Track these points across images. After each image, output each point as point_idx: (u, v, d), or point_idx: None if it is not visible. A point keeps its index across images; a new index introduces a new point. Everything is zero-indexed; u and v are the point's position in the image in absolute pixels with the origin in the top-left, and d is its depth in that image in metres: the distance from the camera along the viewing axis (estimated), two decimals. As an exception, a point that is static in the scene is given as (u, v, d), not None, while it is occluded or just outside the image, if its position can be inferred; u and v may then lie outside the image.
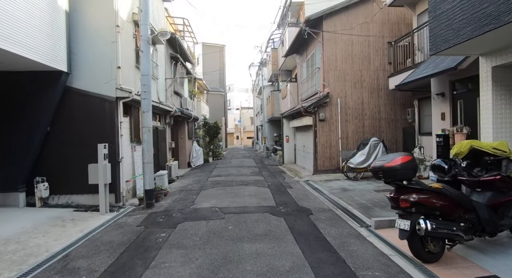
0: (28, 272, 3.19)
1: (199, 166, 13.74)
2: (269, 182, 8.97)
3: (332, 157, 10.13)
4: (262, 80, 21.40)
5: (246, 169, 12.67)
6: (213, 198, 6.87)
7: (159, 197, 6.80)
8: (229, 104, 49.11)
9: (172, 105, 11.09)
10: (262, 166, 14.00)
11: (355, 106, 10.31)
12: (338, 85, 10.23)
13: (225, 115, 34.04)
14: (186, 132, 13.52)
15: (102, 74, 6.31)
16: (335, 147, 10.15)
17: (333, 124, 10.17)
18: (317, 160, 10.07)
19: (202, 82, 21.23)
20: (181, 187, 8.56)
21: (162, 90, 10.42)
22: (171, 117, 11.05)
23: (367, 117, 10.36)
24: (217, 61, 32.80)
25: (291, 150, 14.56)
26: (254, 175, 10.59)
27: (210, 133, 17.25)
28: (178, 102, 12.81)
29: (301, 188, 7.97)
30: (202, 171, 12.33)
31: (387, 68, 10.40)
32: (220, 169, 12.67)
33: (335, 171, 10.09)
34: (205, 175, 10.91)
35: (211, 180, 9.63)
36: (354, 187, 7.83)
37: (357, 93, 10.32)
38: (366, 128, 10.34)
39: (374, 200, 6.28)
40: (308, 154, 11.21)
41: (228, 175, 10.69)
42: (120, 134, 6.46)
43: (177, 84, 12.45)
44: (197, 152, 13.66)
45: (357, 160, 8.49)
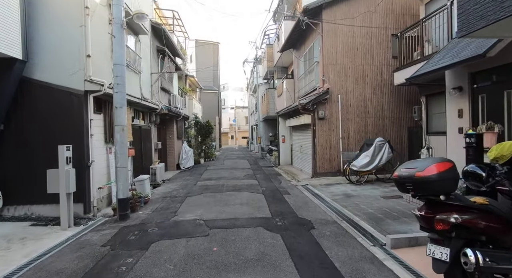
0: None
1: (189, 168, 12.83)
2: (264, 187, 8.12)
3: (332, 158, 9.34)
4: (257, 77, 20.55)
5: (239, 171, 11.80)
6: (199, 207, 6.00)
7: (137, 206, 5.90)
8: (224, 103, 48.17)
9: (159, 102, 10.17)
10: (256, 167, 13.15)
11: (357, 103, 9.53)
12: (339, 81, 9.43)
13: (219, 114, 33.11)
14: (175, 131, 12.60)
15: (68, 64, 5.39)
16: (336, 147, 9.35)
17: (333, 123, 9.37)
18: (316, 162, 9.26)
19: (194, 79, 20.30)
20: (165, 193, 7.66)
21: (146, 86, 9.50)
22: (157, 116, 10.13)
23: (369, 115, 9.59)
24: (211, 59, 31.87)
25: (288, 151, 13.75)
26: (248, 178, 9.73)
27: (202, 133, 16.34)
28: (166, 100, 11.89)
29: (299, 194, 7.14)
30: (192, 173, 11.43)
31: (391, 63, 9.64)
32: (211, 171, 11.79)
33: (335, 174, 9.29)
34: (194, 179, 10.01)
35: (200, 184, 8.74)
36: (358, 192, 7.03)
37: (359, 90, 9.54)
38: (369, 127, 9.57)
39: (383, 209, 5.48)
40: (306, 155, 10.41)
41: (219, 178, 9.82)
42: (90, 134, 5.54)
43: (165, 80, 11.52)
44: (186, 153, 12.75)
45: (361, 162, 7.70)
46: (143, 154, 9.14)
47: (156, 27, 10.28)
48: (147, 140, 9.59)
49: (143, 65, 9.07)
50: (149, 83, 9.93)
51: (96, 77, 5.59)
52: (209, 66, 27.86)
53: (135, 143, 8.40)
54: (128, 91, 7.47)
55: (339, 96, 9.37)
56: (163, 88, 11.33)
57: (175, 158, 12.43)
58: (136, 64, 8.36)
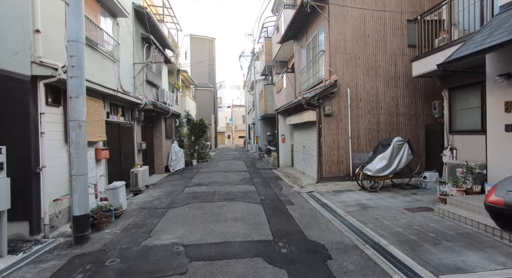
0: None
1: (179, 170, 11.60)
2: (263, 195, 6.93)
3: (341, 160, 8.18)
4: (254, 73, 19.34)
5: (234, 174, 10.61)
6: (182, 223, 4.80)
7: (103, 223, 4.68)
8: (220, 102, 46.90)
9: (143, 96, 8.94)
10: (254, 170, 11.96)
11: (368, 98, 8.38)
12: (348, 72, 8.27)
13: (215, 113, 31.87)
14: (163, 130, 11.37)
15: (8, 41, 4.16)
16: (344, 148, 8.20)
17: (341, 120, 8.21)
18: (322, 165, 8.09)
19: (188, 75, 19.04)
20: (145, 202, 6.44)
21: (127, 77, 8.26)
22: (140, 112, 8.90)
23: (382, 112, 8.45)
24: (206, 55, 30.59)
25: (288, 151, 12.58)
26: (244, 183, 8.54)
27: (195, 132, 15.10)
28: (153, 94, 10.65)
29: (305, 205, 5.96)
30: (181, 177, 10.21)
31: (406, 52, 8.51)
32: (203, 175, 10.57)
33: (344, 179, 8.14)
34: (183, 184, 8.80)
35: (188, 191, 7.52)
36: (375, 202, 5.88)
37: (371, 82, 8.39)
38: (382, 125, 8.43)
39: (414, 226, 4.32)
40: (309, 156, 9.24)
41: (211, 184, 8.61)
42: (40, 131, 4.32)
43: (151, 72, 10.29)
44: (176, 154, 11.52)
45: (377, 166, 6.55)
46: (123, 155, 7.91)
47: (140, 11, 9.04)
48: (128, 139, 8.35)
49: (123, 53, 7.84)
50: (131, 75, 8.70)
51: (49, 59, 4.36)
52: (203, 60, 26.56)
53: (112, 143, 7.17)
54: (101, 80, 6.26)
55: (348, 89, 8.21)
56: (149, 82, 10.10)
57: (164, 159, 11.20)
58: (113, 50, 7.12)
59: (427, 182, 6.90)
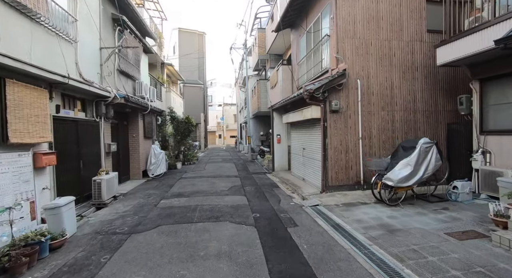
0: None
1: (159, 175, 10.07)
2: (257, 211, 5.52)
3: (349, 166, 6.85)
4: (247, 68, 17.89)
5: (223, 180, 9.16)
6: (141, 263, 3.34)
7: (21, 267, 3.17)
8: (211, 100, 45.26)
9: (113, 88, 7.40)
10: (245, 174, 10.54)
11: (381, 92, 7.08)
12: (358, 61, 6.95)
13: (204, 111, 30.26)
14: (141, 129, 9.81)
15: None
16: (354, 151, 6.87)
17: (350, 117, 6.89)
18: (327, 171, 6.75)
19: (174, 69, 17.45)
20: (103, 223, 4.93)
21: (90, 64, 6.72)
22: (109, 106, 7.35)
23: (398, 108, 7.16)
24: (196, 50, 28.93)
25: (284, 153, 11.22)
26: (234, 193, 7.11)
27: (180, 131, 13.56)
28: (128, 87, 9.10)
29: (312, 226, 4.58)
30: (160, 184, 8.69)
31: (425, 38, 7.25)
32: (186, 181, 9.08)
33: (353, 187, 6.82)
34: (160, 193, 7.30)
35: (163, 205, 6.04)
36: (402, 221, 4.56)
37: (384, 73, 7.10)
38: (397, 123, 7.15)
39: (476, 268, 3.00)
40: (311, 160, 7.88)
41: (194, 194, 7.14)
42: None
43: (126, 62, 8.75)
44: (156, 157, 9.99)
45: (400, 174, 5.23)
46: (83, 160, 6.37)
47: (108, -15, 7.49)
48: (91, 140, 6.81)
49: (84, 33, 6.30)
50: (97, 61, 7.14)
51: None
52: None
53: (64, 145, 5.65)
54: (44, 63, 4.73)
55: (358, 81, 6.89)
56: (123, 72, 8.55)
57: (141, 163, 9.65)
58: (67, 27, 5.58)
59: (458, 193, 5.64)
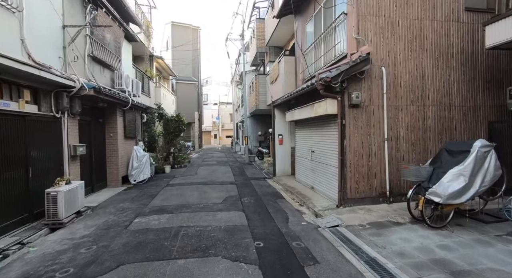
0: None
1: (142, 181, 8.65)
2: (259, 236, 4.16)
3: (372, 173, 5.54)
4: (244, 62, 16.51)
5: (217, 188, 7.79)
6: None
7: None
8: (206, 99, 43.77)
9: (79, 77, 5.99)
10: (243, 181, 9.18)
11: (411, 82, 5.79)
12: (383, 44, 5.65)
13: (199, 110, 28.79)
14: (120, 128, 8.38)
15: None
16: (378, 155, 5.56)
17: (373, 113, 5.58)
18: (345, 180, 5.42)
19: (164, 63, 16.00)
20: (42, 261, 3.51)
21: (47, 43, 5.32)
22: (74, 99, 5.94)
23: (430, 102, 5.88)
24: (190, 46, 27.45)
25: (287, 156, 9.89)
26: (229, 208, 5.74)
27: (169, 131, 12.13)
28: (105, 78, 7.69)
29: (340, 264, 3.24)
30: (141, 193, 7.26)
31: (463, 18, 5.98)
32: (173, 190, 7.67)
33: (377, 200, 5.51)
34: (137, 207, 5.89)
35: (136, 227, 4.63)
36: (464, 256, 3.25)
37: (414, 60, 5.81)
38: (429, 121, 5.86)
39: None
40: (322, 166, 6.55)
41: (179, 208, 5.75)
42: None
43: (102, 48, 7.35)
44: (139, 160, 8.56)
45: (450, 187, 3.93)
46: (32, 167, 4.95)
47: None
48: (46, 140, 5.39)
49: (33, 2, 4.88)
50: (58, 42, 5.72)
51: None
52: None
53: (15, 149, 4.23)
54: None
55: (383, 69, 5.59)
56: (97, 59, 7.14)
57: (121, 167, 8.22)
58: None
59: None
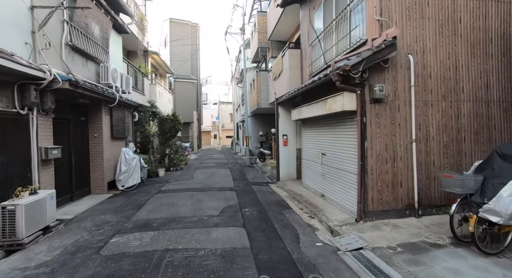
0: None
1: (131, 187, 7.76)
2: (265, 265, 3.25)
3: (398, 181, 4.65)
4: (245, 59, 15.63)
5: (214, 196, 6.89)
6: None
7: None
8: (206, 98, 42.94)
9: (51, 67, 5.11)
10: (244, 186, 8.29)
11: (442, 73, 4.90)
12: (410, 28, 4.76)
13: (198, 109, 27.91)
14: (107, 127, 7.49)
15: None
16: (405, 159, 4.67)
17: (399, 110, 4.69)
18: (366, 189, 4.53)
19: (160, 59, 15.12)
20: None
21: (9, 26, 4.44)
22: (46, 93, 5.06)
23: (464, 96, 4.98)
24: (189, 43, 26.60)
25: (291, 158, 9.00)
26: (227, 223, 4.83)
27: (164, 131, 11.25)
28: (88, 72, 6.82)
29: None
30: (127, 202, 6.36)
31: (503, -3, 5.08)
32: (163, 198, 6.77)
33: (403, 212, 4.62)
34: (117, 222, 4.98)
35: (110, 251, 3.71)
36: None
37: (446, 47, 4.91)
38: (464, 119, 4.96)
39: None
40: (336, 171, 5.64)
41: (167, 223, 4.85)
42: None
43: (86, 38, 6.51)
44: (128, 163, 7.68)
45: (513, 203, 3.04)
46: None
47: None
48: (6, 142, 4.51)
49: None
50: (25, 26, 4.84)
51: None
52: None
53: None
54: None
55: (410, 57, 4.70)
56: (78, 50, 6.27)
57: (106, 171, 7.33)
58: None
59: None
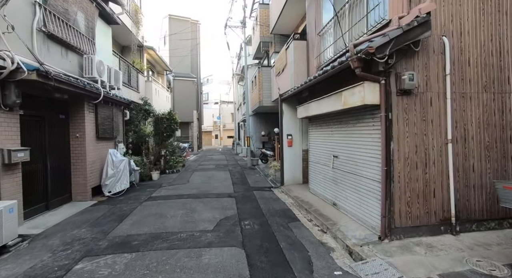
0: None
1: (119, 193, 6.97)
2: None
3: (430, 190, 3.81)
4: (246, 55, 14.81)
5: (209, 204, 6.08)
6: None
7: None
8: (207, 98, 42.21)
9: (13, 54, 4.34)
10: (244, 191, 7.47)
11: (483, 59, 4.04)
12: (444, 5, 3.92)
13: (198, 108, 27.14)
14: (92, 126, 6.70)
15: None
16: (438, 164, 3.83)
17: (431, 103, 3.85)
18: (392, 200, 3.69)
19: (157, 54, 14.35)
20: None
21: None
22: (9, 85, 4.28)
23: (511, 88, 4.13)
24: (189, 40, 25.85)
25: (297, 160, 8.17)
26: (222, 241, 4.01)
27: (159, 131, 10.46)
28: (69, 65, 6.05)
29: None
30: (109, 212, 5.55)
31: (555, -32, 4.21)
32: (151, 207, 5.94)
33: (437, 229, 3.78)
34: (90, 239, 4.17)
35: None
36: None
37: (488, 27, 4.06)
38: (510, 115, 4.10)
39: None
40: (351, 177, 4.78)
41: (151, 241, 4.05)
42: None
43: (66, 25, 5.73)
44: (115, 166, 6.89)
45: None
46: None
47: None
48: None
49: None
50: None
51: None
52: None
53: None
54: None
55: (444, 40, 3.85)
56: (54, 37, 5.49)
57: (90, 175, 6.54)
58: None
59: None
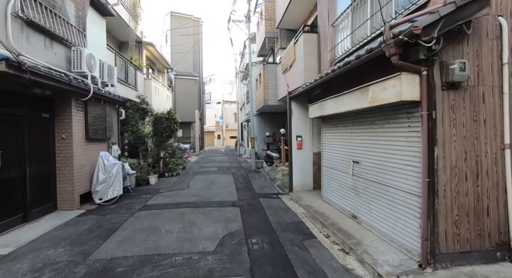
0: None
1: (111, 200, 6.30)
2: None
3: (483, 207, 3.07)
4: (250, 52, 14.11)
5: (211, 216, 5.37)
6: None
7: None
8: (209, 98, 41.56)
9: None
10: (249, 199, 6.77)
11: (547, 45, 3.31)
12: (499, -23, 3.19)
13: (200, 108, 26.49)
14: (80, 126, 6.04)
15: None
16: (492, 174, 3.09)
17: (484, 100, 3.11)
18: (436, 219, 2.97)
19: (156, 51, 13.69)
20: None
21: None
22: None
23: None
24: (191, 38, 25.22)
25: (307, 164, 7.45)
26: (225, 269, 3.31)
27: (159, 131, 9.79)
28: (56, 58, 5.39)
29: None
30: (96, 225, 4.86)
31: None
32: (144, 219, 5.24)
33: (492, 255, 3.03)
34: (65, 265, 3.49)
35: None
36: None
37: (551, 7, 3.33)
38: None
39: None
40: (378, 187, 4.05)
41: (137, 269, 3.36)
42: None
43: (50, 13, 5.08)
44: (107, 171, 6.23)
45: None
46: None
47: None
48: None
49: None
50: None
51: None
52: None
53: None
54: None
55: (500, 21, 3.12)
56: (35, 25, 4.83)
57: (78, 181, 5.87)
58: None
59: None
